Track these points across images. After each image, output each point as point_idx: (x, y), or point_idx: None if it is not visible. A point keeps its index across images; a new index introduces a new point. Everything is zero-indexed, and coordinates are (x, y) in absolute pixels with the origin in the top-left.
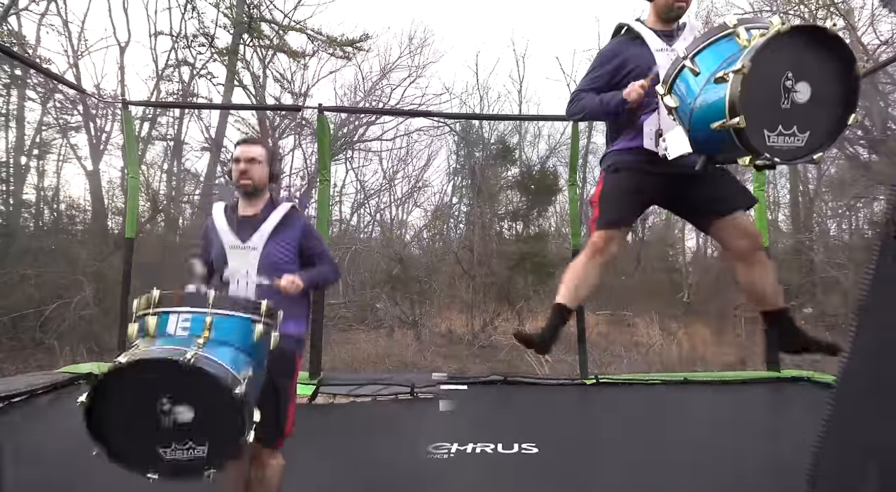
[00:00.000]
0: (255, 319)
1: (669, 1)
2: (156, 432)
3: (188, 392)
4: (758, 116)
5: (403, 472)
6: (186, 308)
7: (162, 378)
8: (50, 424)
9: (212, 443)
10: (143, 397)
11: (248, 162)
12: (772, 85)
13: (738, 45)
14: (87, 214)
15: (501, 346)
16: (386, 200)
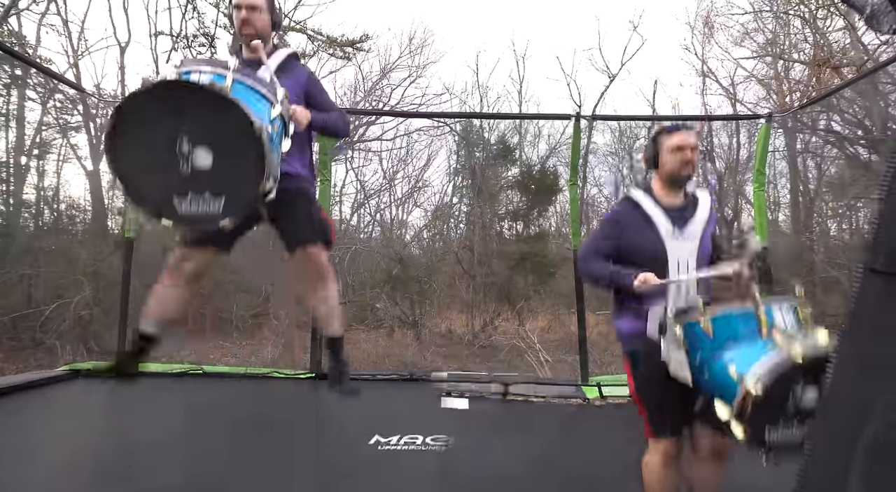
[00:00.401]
0: (272, 101)
1: (675, 169)
2: (174, 177)
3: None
4: (761, 420)
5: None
6: (208, 68)
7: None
8: (47, 417)
9: (227, 195)
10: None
11: (248, 9)
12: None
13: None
14: (87, 214)
15: (501, 346)
16: (386, 200)
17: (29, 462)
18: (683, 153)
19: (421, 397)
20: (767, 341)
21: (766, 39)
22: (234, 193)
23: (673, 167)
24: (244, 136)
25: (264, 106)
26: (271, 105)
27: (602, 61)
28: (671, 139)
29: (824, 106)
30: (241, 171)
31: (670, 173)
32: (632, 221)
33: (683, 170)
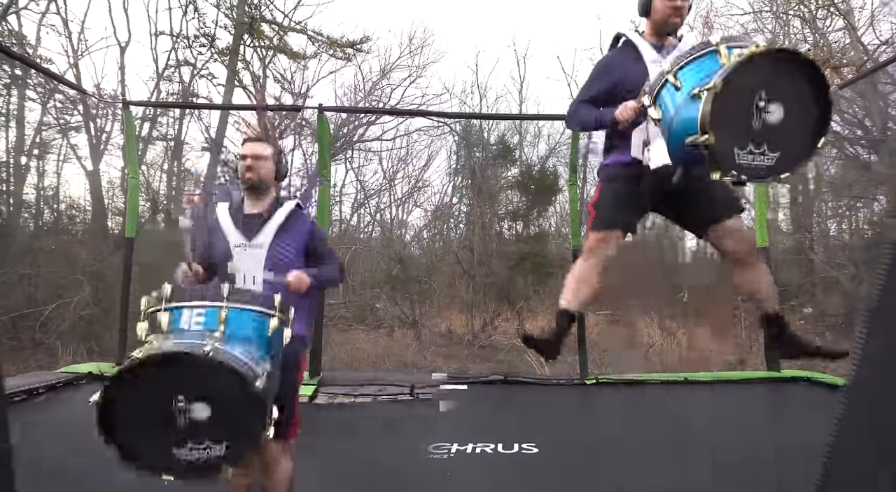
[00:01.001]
0: (269, 313)
1: (665, 16)
2: (171, 431)
3: (205, 388)
4: (728, 134)
5: (403, 472)
6: (199, 303)
7: (178, 374)
8: (48, 423)
9: (229, 441)
10: (157, 394)
11: (254, 159)
12: (744, 104)
13: (720, 63)
14: (87, 214)
15: (501, 346)
16: (386, 200)
17: (29, 463)
18: (675, 2)
19: (420, 400)
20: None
21: (766, 39)
22: (237, 440)
23: (662, 15)
24: (244, 396)
25: (261, 323)
26: (269, 317)
27: None
28: None
29: None
30: (243, 421)
31: (660, 20)
32: (623, 60)
33: (672, 17)
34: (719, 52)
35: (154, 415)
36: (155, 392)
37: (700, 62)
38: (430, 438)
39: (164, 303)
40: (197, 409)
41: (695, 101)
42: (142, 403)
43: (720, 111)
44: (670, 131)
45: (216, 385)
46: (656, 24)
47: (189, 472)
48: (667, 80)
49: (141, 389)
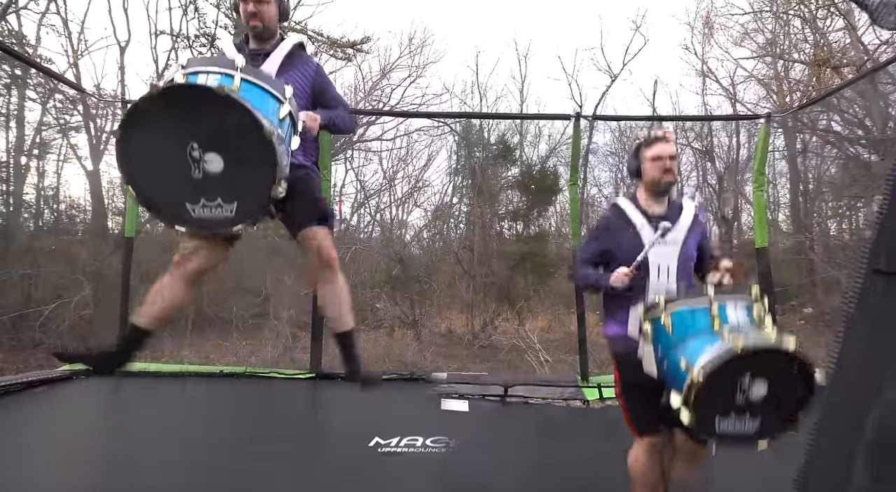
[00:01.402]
0: (280, 99)
1: (655, 177)
2: (185, 183)
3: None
4: (710, 408)
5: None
6: (215, 68)
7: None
8: (46, 416)
9: (239, 199)
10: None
11: (256, 1)
12: (727, 384)
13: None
14: (87, 214)
15: (501, 346)
16: (386, 200)
17: (29, 463)
18: (662, 162)
19: (421, 398)
20: (717, 336)
21: (766, 39)
22: (247, 197)
23: (653, 176)
24: (256, 141)
25: (273, 105)
26: (280, 103)
27: (604, 61)
28: (650, 150)
29: (824, 106)
30: (253, 176)
31: (651, 182)
32: (617, 227)
33: (663, 178)
34: (713, 311)
35: (169, 160)
36: (171, 133)
37: (693, 312)
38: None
39: (181, 69)
40: (210, 159)
41: (682, 368)
42: (158, 141)
43: (703, 394)
44: (659, 366)
45: (229, 131)
46: (648, 185)
47: (201, 227)
48: (660, 317)
49: (157, 124)
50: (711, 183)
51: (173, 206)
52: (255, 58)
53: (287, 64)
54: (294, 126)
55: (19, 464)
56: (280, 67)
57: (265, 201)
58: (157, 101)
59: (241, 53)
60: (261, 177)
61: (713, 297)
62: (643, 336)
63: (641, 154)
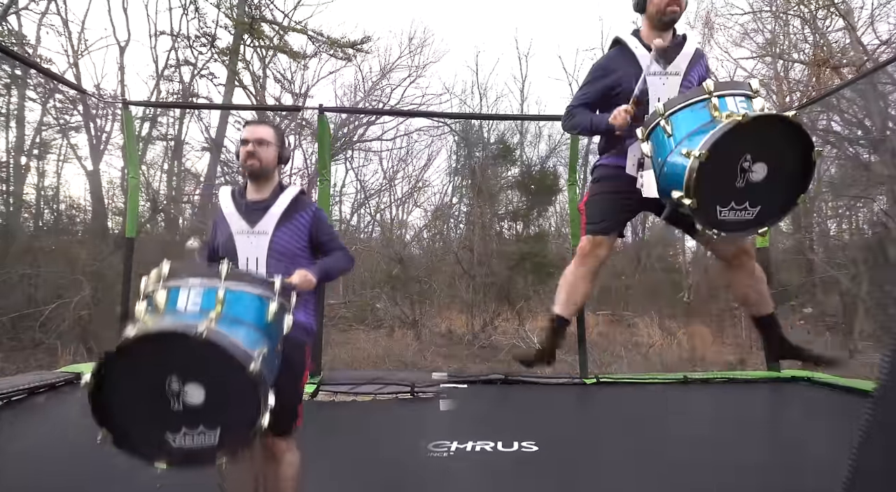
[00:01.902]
0: (268, 296)
1: (660, 8)
2: (164, 415)
3: (199, 370)
4: (711, 194)
5: (403, 470)
6: (198, 281)
7: (171, 354)
8: (47, 422)
9: (224, 427)
10: (150, 376)
11: (256, 143)
12: (729, 166)
13: (710, 116)
14: (87, 214)
15: (501, 346)
16: (386, 200)
17: (32, 466)
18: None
19: (421, 400)
20: (717, 123)
21: (766, 39)
22: (230, 425)
23: (658, 6)
24: (239, 379)
25: (260, 306)
26: (269, 300)
27: None
28: None
29: (824, 106)
30: (236, 406)
31: (656, 12)
32: (619, 63)
33: (668, 7)
34: (713, 106)
35: (147, 398)
36: (147, 373)
37: (692, 110)
38: (429, 436)
39: (162, 281)
40: (191, 392)
41: (682, 156)
42: (134, 384)
43: (704, 176)
44: (659, 175)
45: (209, 367)
46: (653, 18)
47: (183, 460)
48: (659, 122)
49: (133, 369)
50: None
51: (152, 440)
52: (254, 211)
53: (286, 216)
54: (286, 310)
55: (22, 467)
56: (280, 217)
57: (252, 430)
58: (130, 349)
59: (238, 207)
60: (246, 409)
61: (712, 90)
62: (645, 159)
63: None
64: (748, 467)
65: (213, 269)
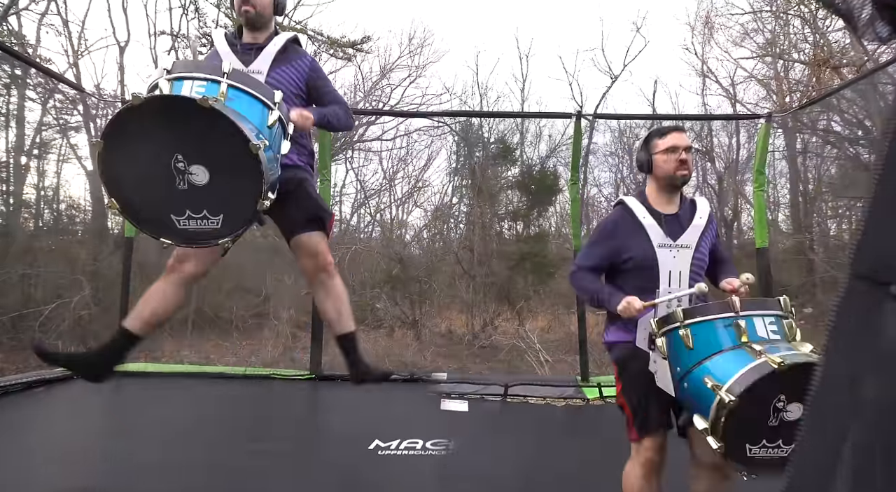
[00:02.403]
0: (270, 105)
1: (668, 172)
2: (170, 196)
3: (204, 147)
4: (740, 434)
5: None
6: (200, 74)
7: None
8: (45, 416)
9: (225, 212)
10: (158, 149)
11: None
12: (762, 406)
13: (736, 339)
14: (87, 214)
15: (501, 346)
16: (386, 200)
17: (28, 463)
18: (677, 154)
19: (421, 399)
20: (746, 352)
21: (766, 39)
22: (233, 210)
23: (667, 170)
24: (241, 154)
25: (261, 111)
26: (269, 109)
27: (604, 62)
28: (664, 141)
29: (824, 106)
30: (239, 188)
31: (665, 177)
32: (624, 229)
33: (679, 171)
34: (739, 326)
35: (154, 175)
36: (154, 145)
37: (716, 327)
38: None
39: (166, 74)
40: (196, 171)
41: (707, 386)
42: (141, 152)
43: (734, 418)
44: (678, 386)
45: (215, 140)
46: (661, 180)
47: (186, 240)
48: (678, 328)
49: (140, 134)
50: (711, 183)
51: (158, 218)
52: (248, 51)
53: (280, 58)
54: (284, 131)
55: (19, 464)
56: (273, 62)
57: (251, 215)
58: (139, 111)
59: (233, 47)
60: (247, 190)
61: (739, 308)
62: (657, 350)
63: (653, 145)
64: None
65: (217, 68)
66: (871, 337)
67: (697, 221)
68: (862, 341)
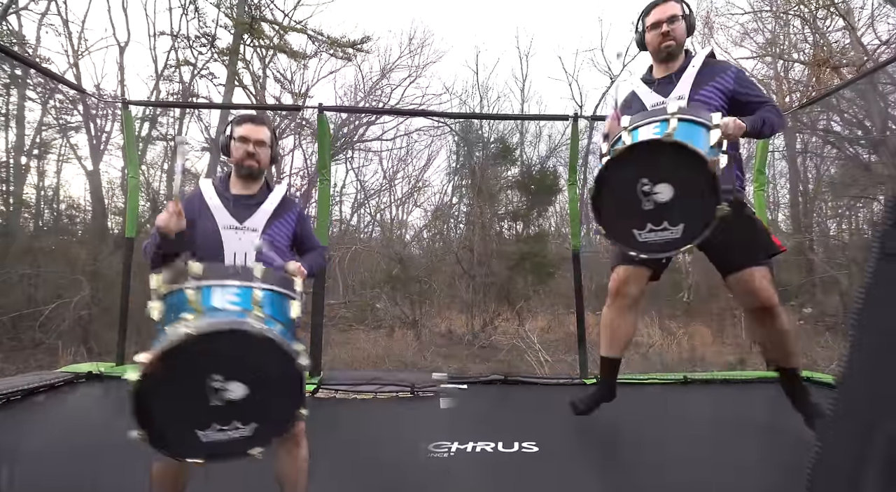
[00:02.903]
0: (292, 295)
1: (656, 45)
2: (200, 412)
3: (245, 366)
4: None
5: (403, 470)
6: (233, 282)
7: (221, 351)
8: (48, 421)
9: (259, 422)
10: (194, 374)
11: (257, 144)
12: (629, 192)
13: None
14: (87, 214)
15: (501, 346)
16: (386, 200)
17: (32, 466)
18: (659, 28)
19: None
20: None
21: (766, 39)
22: (267, 420)
23: (654, 45)
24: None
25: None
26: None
27: (604, 62)
28: (648, 18)
29: (824, 106)
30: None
31: (654, 51)
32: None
33: (664, 43)
34: (669, 123)
35: (186, 397)
36: (191, 372)
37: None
38: (430, 437)
39: (191, 280)
40: (233, 388)
41: None
42: (177, 384)
43: (607, 205)
44: None
45: (262, 363)
46: (654, 54)
47: (215, 455)
48: (620, 136)
49: (179, 368)
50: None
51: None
52: (243, 207)
53: (275, 214)
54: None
55: (22, 467)
56: (271, 216)
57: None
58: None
59: (224, 200)
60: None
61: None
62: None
63: (643, 24)
64: (748, 467)
65: (246, 269)
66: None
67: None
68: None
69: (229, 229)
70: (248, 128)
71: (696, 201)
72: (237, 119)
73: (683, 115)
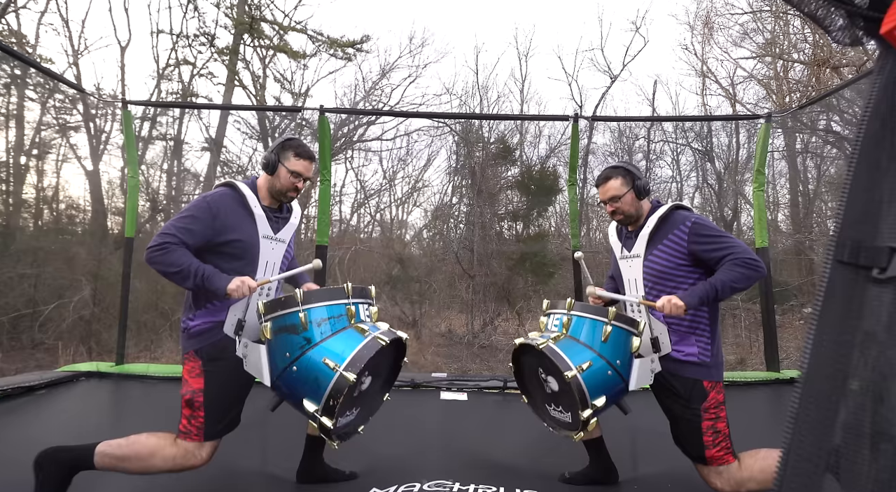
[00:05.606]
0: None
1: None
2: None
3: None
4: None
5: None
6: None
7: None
8: (48, 421)
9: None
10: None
11: (306, 180)
12: (536, 374)
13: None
14: (87, 214)
15: (501, 346)
16: (386, 200)
17: (28, 463)
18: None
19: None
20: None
21: (766, 39)
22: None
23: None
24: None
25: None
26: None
27: (604, 62)
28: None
29: (824, 106)
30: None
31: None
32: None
33: (614, 219)
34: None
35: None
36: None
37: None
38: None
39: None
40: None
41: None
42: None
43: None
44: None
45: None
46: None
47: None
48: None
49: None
50: (711, 183)
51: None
52: (276, 219)
53: (297, 229)
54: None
55: (21, 466)
56: (294, 232)
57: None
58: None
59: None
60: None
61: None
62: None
63: None
64: None
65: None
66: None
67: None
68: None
69: (266, 239)
70: (305, 166)
71: (573, 401)
72: (296, 150)
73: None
